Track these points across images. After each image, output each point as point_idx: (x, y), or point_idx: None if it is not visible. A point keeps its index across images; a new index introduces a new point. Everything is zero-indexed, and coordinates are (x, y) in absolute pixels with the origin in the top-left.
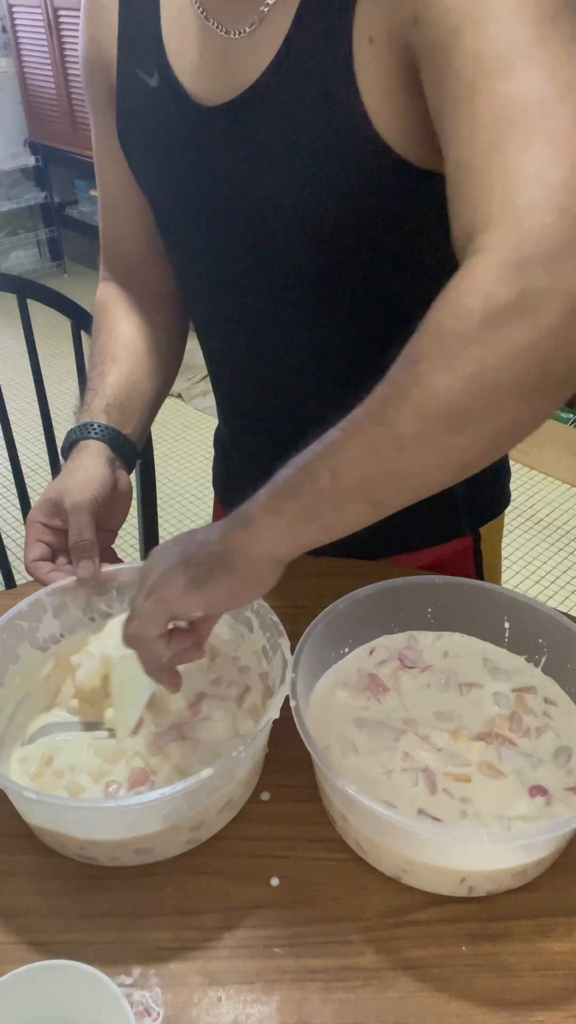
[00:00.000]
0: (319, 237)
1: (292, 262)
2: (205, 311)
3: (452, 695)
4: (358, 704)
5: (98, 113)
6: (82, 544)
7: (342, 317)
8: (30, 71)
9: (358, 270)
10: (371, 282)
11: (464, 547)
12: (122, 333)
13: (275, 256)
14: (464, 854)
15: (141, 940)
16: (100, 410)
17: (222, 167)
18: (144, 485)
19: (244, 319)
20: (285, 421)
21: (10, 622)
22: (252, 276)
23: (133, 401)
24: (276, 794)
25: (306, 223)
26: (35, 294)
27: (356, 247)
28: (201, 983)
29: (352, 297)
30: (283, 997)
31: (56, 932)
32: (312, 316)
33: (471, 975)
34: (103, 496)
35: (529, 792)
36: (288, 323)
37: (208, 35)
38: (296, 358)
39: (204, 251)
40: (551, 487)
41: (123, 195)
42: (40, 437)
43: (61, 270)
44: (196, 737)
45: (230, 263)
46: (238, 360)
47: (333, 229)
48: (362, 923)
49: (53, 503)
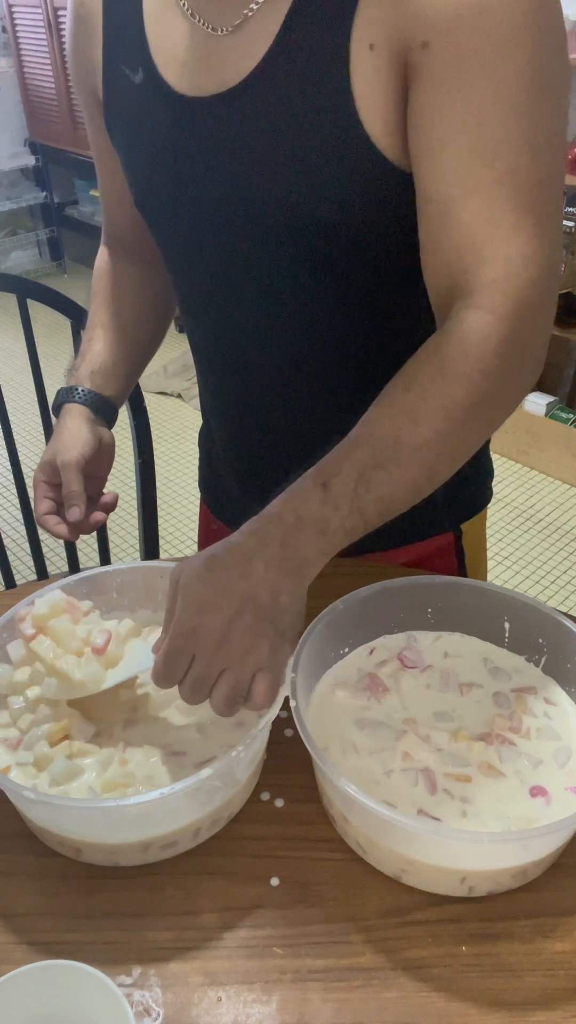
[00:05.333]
0: (303, 232)
1: (276, 256)
2: (190, 303)
3: (452, 695)
4: (358, 704)
5: (89, 110)
6: (71, 494)
7: (326, 313)
8: (30, 71)
9: (343, 267)
10: (355, 280)
11: (446, 543)
12: (112, 301)
13: (260, 250)
14: (464, 854)
15: (141, 940)
16: (85, 376)
17: (208, 162)
18: (144, 485)
19: (225, 311)
20: (266, 418)
21: (10, 622)
22: (237, 269)
23: (117, 366)
24: (276, 794)
25: (291, 218)
26: (35, 294)
27: (341, 243)
28: (201, 983)
29: (334, 294)
30: (283, 997)
31: (56, 932)
32: (295, 310)
33: (471, 975)
34: (88, 452)
35: (529, 792)
36: (271, 316)
37: (193, 31)
38: (280, 352)
39: (190, 245)
40: (551, 487)
41: (118, 183)
42: (40, 437)
43: (61, 270)
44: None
45: (215, 256)
46: (223, 353)
47: (317, 224)
48: (362, 923)
49: (50, 464)
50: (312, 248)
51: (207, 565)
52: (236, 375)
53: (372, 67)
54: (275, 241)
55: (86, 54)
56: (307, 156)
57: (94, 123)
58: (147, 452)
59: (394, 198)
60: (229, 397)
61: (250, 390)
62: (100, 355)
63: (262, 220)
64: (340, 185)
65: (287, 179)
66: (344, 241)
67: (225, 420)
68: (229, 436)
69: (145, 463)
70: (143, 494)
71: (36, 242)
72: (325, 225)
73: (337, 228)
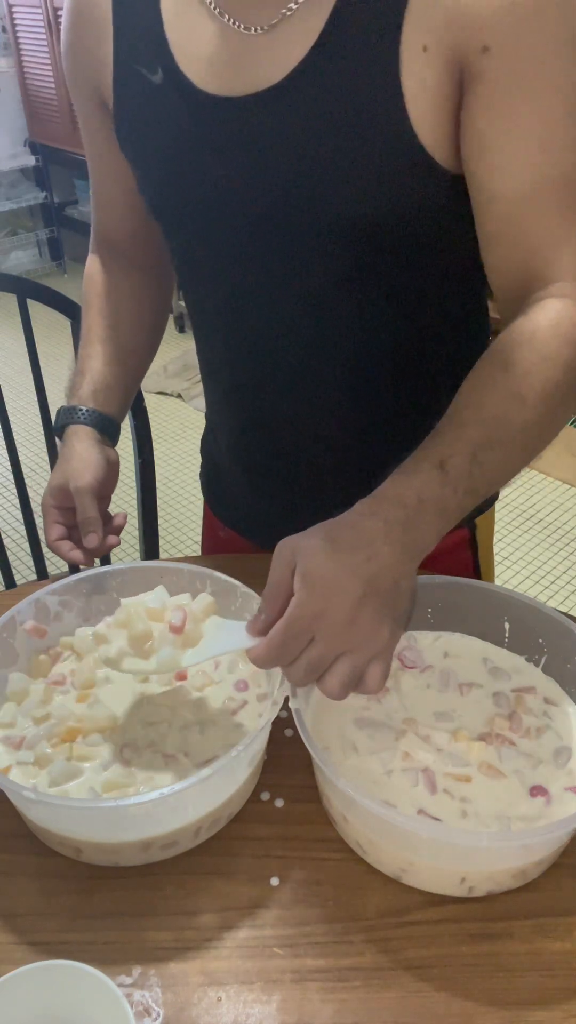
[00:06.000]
0: (344, 234)
1: (312, 259)
2: (209, 310)
3: (452, 695)
4: (358, 704)
5: (86, 109)
6: (87, 520)
7: (358, 316)
8: (30, 71)
9: (380, 269)
10: (389, 282)
11: (461, 538)
12: (108, 312)
13: (295, 252)
14: (464, 854)
15: (141, 940)
16: (88, 395)
17: (242, 163)
18: (144, 485)
19: (251, 315)
20: (284, 425)
21: (10, 622)
22: (268, 273)
23: (117, 381)
24: (276, 794)
25: (332, 219)
26: (35, 294)
27: (380, 245)
28: (201, 983)
29: (368, 297)
30: (283, 997)
31: (56, 932)
32: (329, 313)
33: (471, 975)
34: (101, 476)
35: (529, 792)
36: (297, 318)
37: (222, 30)
38: (305, 357)
39: (215, 249)
40: (551, 487)
41: (117, 186)
42: (40, 437)
43: (61, 270)
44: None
45: (245, 260)
46: (244, 360)
47: (358, 226)
48: (362, 923)
49: (61, 488)
50: (351, 250)
51: (331, 547)
52: (254, 383)
53: (425, 69)
54: (312, 243)
55: (90, 52)
56: (353, 157)
57: (92, 123)
58: (147, 452)
59: (437, 199)
60: (243, 403)
61: (267, 397)
62: (100, 372)
63: (300, 221)
64: (386, 186)
65: (330, 180)
66: (383, 243)
67: (236, 427)
68: (240, 443)
69: (145, 463)
70: (143, 494)
71: (36, 242)
72: (366, 226)
73: (379, 230)
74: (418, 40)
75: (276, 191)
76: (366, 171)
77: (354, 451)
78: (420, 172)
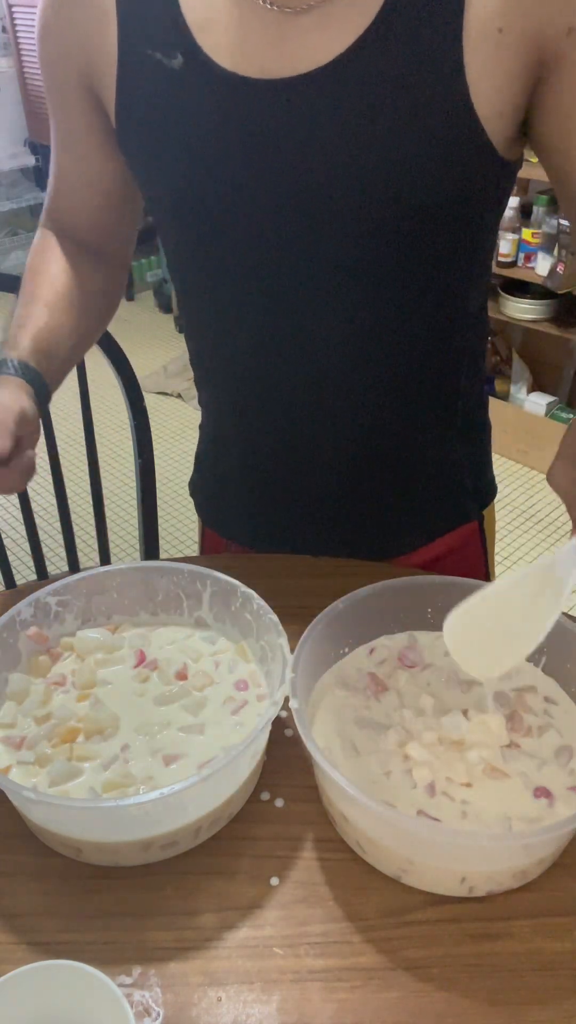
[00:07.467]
0: (394, 219)
1: (359, 247)
2: (237, 305)
3: (452, 695)
4: (358, 704)
5: (65, 92)
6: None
7: (395, 306)
8: (30, 71)
9: (427, 254)
10: (424, 271)
11: (472, 531)
12: (59, 285)
13: (338, 238)
14: (464, 854)
15: (141, 940)
16: (27, 351)
17: (286, 147)
18: (144, 485)
19: (291, 309)
20: (307, 437)
21: (10, 622)
22: (306, 260)
23: (57, 349)
24: (276, 794)
25: (383, 204)
26: None
27: (430, 230)
28: (201, 983)
29: (399, 284)
30: (283, 997)
31: (56, 932)
32: (366, 305)
33: (471, 975)
34: (27, 409)
35: (533, 793)
36: (324, 310)
37: (254, 11)
38: (342, 359)
39: (246, 240)
40: None
41: (90, 174)
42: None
43: None
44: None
45: (280, 248)
46: (267, 366)
47: (410, 211)
48: (362, 923)
49: None
50: (400, 236)
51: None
52: (285, 388)
53: (496, 50)
54: (362, 229)
55: (83, 36)
56: (410, 140)
57: (70, 108)
58: (147, 452)
59: (489, 185)
60: (263, 413)
61: (297, 404)
62: (46, 336)
63: (348, 207)
64: (442, 171)
65: (384, 164)
66: (435, 231)
67: (249, 441)
68: (251, 461)
69: (145, 463)
70: (143, 495)
71: None
72: (419, 211)
73: (434, 216)
74: (492, 20)
75: (323, 176)
76: (423, 154)
77: (371, 463)
78: (476, 156)
